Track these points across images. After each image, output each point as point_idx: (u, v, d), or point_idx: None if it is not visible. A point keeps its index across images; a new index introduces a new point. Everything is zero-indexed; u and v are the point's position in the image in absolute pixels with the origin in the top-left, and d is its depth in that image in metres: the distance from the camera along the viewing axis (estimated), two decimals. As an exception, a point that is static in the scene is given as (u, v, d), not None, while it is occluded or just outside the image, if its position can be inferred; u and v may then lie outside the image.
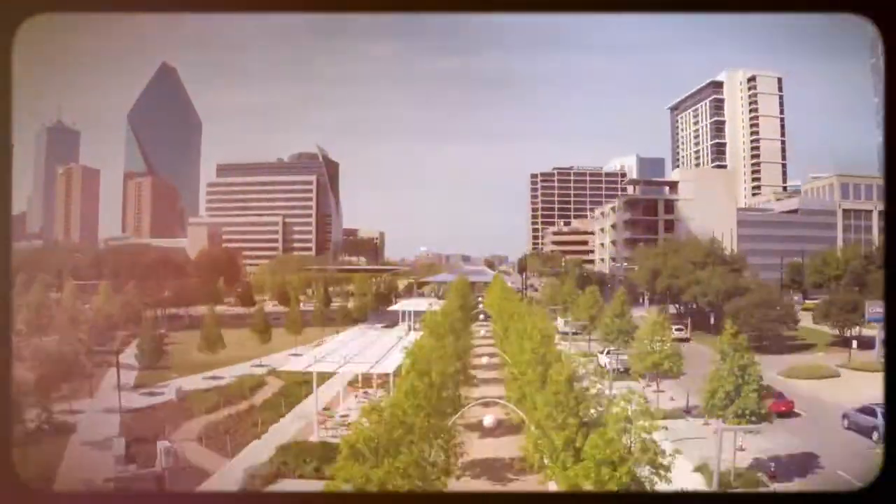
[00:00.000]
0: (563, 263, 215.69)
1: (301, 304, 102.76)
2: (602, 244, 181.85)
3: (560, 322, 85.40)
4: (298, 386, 55.63)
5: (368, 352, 52.92)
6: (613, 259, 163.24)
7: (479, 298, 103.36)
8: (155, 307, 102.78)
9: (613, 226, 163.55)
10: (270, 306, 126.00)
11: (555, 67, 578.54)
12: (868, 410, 42.63)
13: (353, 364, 48.93)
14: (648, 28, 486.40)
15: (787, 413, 46.96)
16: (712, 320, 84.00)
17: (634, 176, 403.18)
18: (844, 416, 45.26)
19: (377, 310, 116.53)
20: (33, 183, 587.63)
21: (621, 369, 55.60)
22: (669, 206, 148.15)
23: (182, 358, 72.97)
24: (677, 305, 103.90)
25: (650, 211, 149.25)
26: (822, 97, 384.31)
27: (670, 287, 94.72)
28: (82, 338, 64.26)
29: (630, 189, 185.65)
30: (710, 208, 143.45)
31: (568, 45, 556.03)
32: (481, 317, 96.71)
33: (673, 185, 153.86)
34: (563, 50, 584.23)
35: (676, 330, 79.17)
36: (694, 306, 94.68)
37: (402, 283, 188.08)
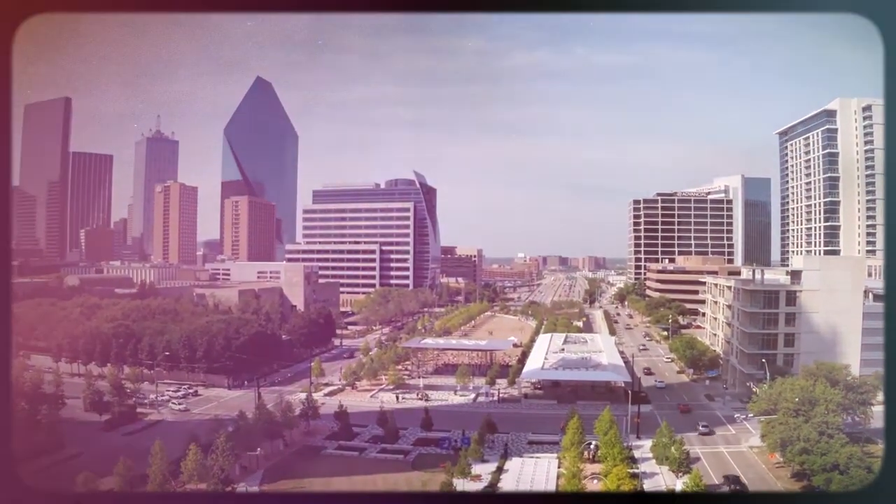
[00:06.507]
0: (669, 319, 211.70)
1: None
2: (715, 318, 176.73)
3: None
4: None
5: None
6: (728, 342, 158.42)
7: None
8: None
9: (729, 306, 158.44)
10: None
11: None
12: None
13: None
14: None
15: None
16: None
17: (740, 196, 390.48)
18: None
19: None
20: (133, 191, 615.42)
21: None
22: (791, 298, 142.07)
23: None
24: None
25: (771, 303, 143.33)
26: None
27: (803, 463, 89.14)
28: None
29: (747, 272, 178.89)
30: (835, 301, 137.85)
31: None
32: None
33: (796, 274, 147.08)
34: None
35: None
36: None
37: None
